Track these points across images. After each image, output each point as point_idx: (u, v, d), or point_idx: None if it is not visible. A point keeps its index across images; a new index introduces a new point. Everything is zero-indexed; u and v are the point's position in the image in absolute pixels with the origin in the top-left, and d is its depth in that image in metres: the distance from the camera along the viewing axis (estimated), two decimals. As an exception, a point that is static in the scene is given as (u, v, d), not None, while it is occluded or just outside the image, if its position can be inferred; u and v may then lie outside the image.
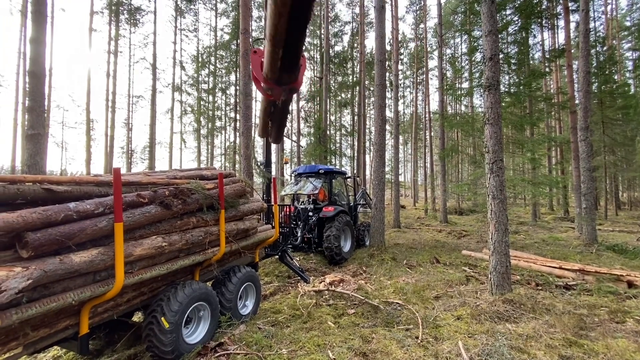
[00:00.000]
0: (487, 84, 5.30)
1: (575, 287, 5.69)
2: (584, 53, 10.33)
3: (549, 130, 22.43)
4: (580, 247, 9.54)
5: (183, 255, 3.59)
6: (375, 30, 9.87)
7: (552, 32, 21.99)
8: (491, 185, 5.17)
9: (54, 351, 3.82)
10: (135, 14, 24.10)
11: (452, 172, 33.05)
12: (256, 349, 3.52)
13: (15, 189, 2.36)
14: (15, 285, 2.07)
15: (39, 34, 5.95)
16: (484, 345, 3.57)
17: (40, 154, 6.07)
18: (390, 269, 7.36)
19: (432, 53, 29.54)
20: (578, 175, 12.05)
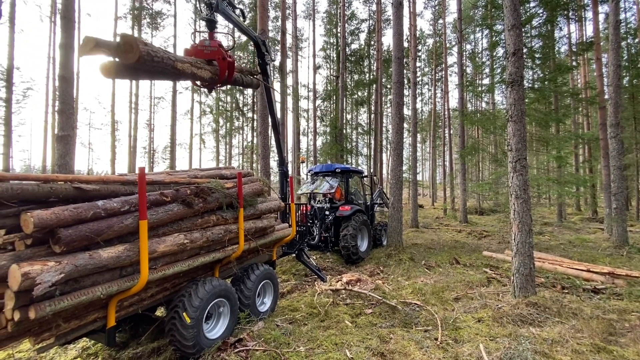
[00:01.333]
0: (510, 79, 5.14)
1: (604, 291, 5.44)
2: (614, 45, 9.82)
3: (576, 127, 21.48)
4: (609, 249, 9.10)
5: (204, 253, 3.68)
6: (392, 27, 9.75)
7: (580, 25, 21.02)
8: (514, 185, 5.01)
9: (82, 342, 4.00)
10: (157, 18, 24.78)
11: (472, 171, 32.26)
12: (274, 346, 3.56)
13: (48, 188, 2.48)
14: (49, 279, 2.18)
15: (68, 40, 6.23)
16: (506, 349, 3.47)
17: (70, 154, 6.35)
18: (408, 269, 7.27)
19: (452, 49, 28.87)
20: (608, 174, 11.49)
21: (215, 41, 4.14)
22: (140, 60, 2.62)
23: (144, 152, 27.41)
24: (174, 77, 3.70)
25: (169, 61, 3.10)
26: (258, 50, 5.93)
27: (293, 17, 24.51)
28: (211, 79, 3.94)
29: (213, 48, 4.01)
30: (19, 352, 3.86)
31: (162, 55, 2.97)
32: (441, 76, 31.75)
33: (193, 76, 3.65)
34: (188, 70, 3.44)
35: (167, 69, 3.11)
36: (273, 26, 26.92)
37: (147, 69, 2.96)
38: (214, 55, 3.97)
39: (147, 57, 2.70)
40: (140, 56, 2.59)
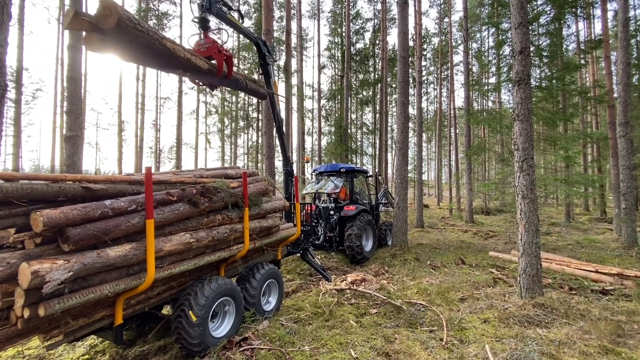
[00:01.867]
0: (516, 78, 5.09)
1: (612, 292, 5.37)
2: (623, 43, 9.67)
3: (584, 126, 21.19)
4: (618, 250, 8.97)
5: (209, 252, 3.70)
6: (397, 26, 9.70)
7: (588, 22, 20.76)
8: (521, 184, 4.97)
9: (90, 340, 4.06)
10: (163, 19, 24.99)
11: (478, 171, 32.00)
12: (279, 345, 3.58)
13: (57, 187, 2.52)
14: (58, 277, 2.21)
15: (76, 41, 6.31)
16: (512, 350, 3.44)
17: (78, 154, 6.44)
18: (413, 269, 7.24)
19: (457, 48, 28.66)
20: (617, 174, 11.32)
21: (209, 38, 4.14)
22: (119, 25, 2.42)
23: (150, 152, 27.63)
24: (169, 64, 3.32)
25: (155, 35, 2.89)
26: (259, 51, 5.95)
27: (298, 17, 24.55)
28: (209, 71, 3.85)
29: (208, 44, 4.00)
30: (28, 349, 3.93)
31: (146, 27, 2.78)
32: (447, 75, 31.51)
33: (188, 63, 3.44)
34: (180, 53, 3.25)
35: (154, 45, 2.88)
36: (278, 26, 26.98)
37: (130, 40, 2.69)
38: (210, 50, 3.97)
39: (127, 22, 2.49)
40: (119, 19, 2.40)
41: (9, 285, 2.27)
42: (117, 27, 2.42)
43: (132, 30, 2.55)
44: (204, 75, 3.90)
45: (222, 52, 4.00)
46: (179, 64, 3.35)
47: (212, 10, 4.54)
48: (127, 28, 2.51)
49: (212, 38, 4.14)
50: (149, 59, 3.16)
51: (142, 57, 3.11)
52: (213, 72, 3.93)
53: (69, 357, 3.79)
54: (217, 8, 4.59)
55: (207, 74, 3.87)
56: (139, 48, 2.84)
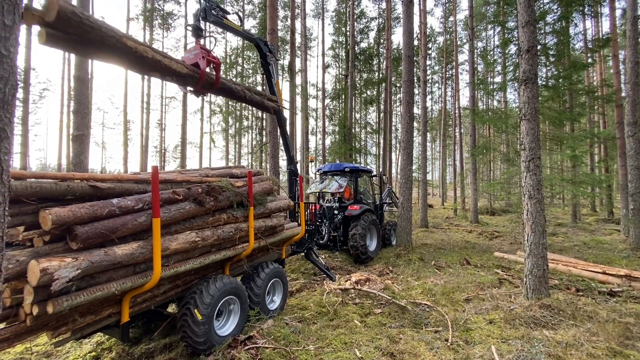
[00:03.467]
0: (523, 77, 5.04)
1: (620, 293, 5.30)
2: (632, 42, 9.54)
3: (591, 125, 20.96)
4: (626, 251, 8.86)
5: (214, 250, 3.72)
6: (402, 25, 9.66)
7: (596, 21, 20.50)
8: (527, 185, 4.92)
9: (97, 337, 4.10)
10: (168, 19, 25.12)
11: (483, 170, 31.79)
12: (284, 344, 3.58)
13: (65, 186, 2.54)
14: (66, 275, 2.24)
15: (83, 41, 6.35)
16: (518, 351, 3.42)
17: (85, 153, 6.51)
18: (417, 269, 7.21)
19: (462, 47, 28.52)
20: (625, 174, 11.18)
21: (198, 45, 4.06)
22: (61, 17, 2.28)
23: (156, 151, 27.84)
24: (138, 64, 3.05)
25: (110, 32, 2.65)
26: (259, 50, 5.96)
27: (302, 16, 24.53)
28: (190, 77, 3.64)
29: (196, 51, 3.92)
30: (36, 346, 3.98)
31: (97, 23, 2.55)
32: (451, 74, 31.36)
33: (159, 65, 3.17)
34: (147, 53, 2.94)
35: (111, 42, 2.65)
36: (282, 25, 26.97)
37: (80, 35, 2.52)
38: (196, 57, 3.87)
39: (70, 14, 2.33)
40: (59, 11, 2.24)
41: (18, 283, 2.30)
42: (59, 19, 2.30)
43: (77, 24, 2.40)
44: (185, 80, 3.69)
45: (206, 59, 3.87)
46: (147, 65, 3.11)
47: (209, 19, 4.49)
48: (71, 22, 2.36)
49: (201, 45, 4.06)
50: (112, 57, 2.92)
51: (102, 55, 2.86)
52: (195, 78, 3.73)
53: (76, 354, 3.83)
54: (214, 15, 4.54)
55: (188, 79, 3.65)
56: (94, 45, 2.67)
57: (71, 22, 2.38)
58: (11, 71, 1.27)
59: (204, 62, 3.81)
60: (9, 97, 1.26)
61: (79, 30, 2.46)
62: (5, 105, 1.25)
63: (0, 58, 1.23)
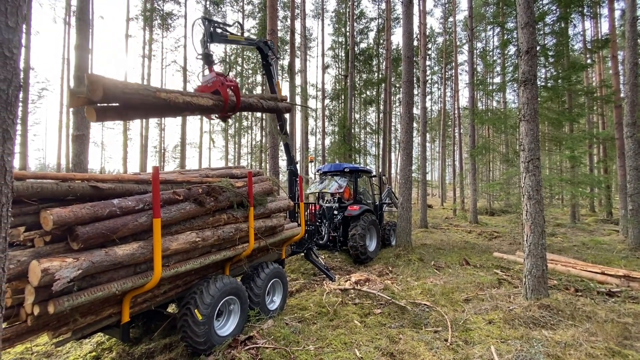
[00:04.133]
0: (523, 78, 5.06)
1: (619, 294, 5.32)
2: (630, 43, 9.58)
3: (590, 126, 21.00)
4: (625, 252, 8.89)
5: (215, 251, 3.73)
6: (402, 26, 9.67)
7: (595, 22, 20.56)
8: (527, 185, 4.94)
9: (97, 337, 4.10)
10: (167, 19, 25.11)
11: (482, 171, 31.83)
12: (284, 344, 3.59)
13: (66, 186, 2.55)
14: (68, 275, 2.24)
15: (83, 41, 6.36)
16: (518, 351, 3.43)
17: (84, 153, 6.50)
18: (417, 269, 7.23)
19: (462, 47, 28.58)
20: (623, 175, 11.21)
21: (213, 72, 4.14)
22: (106, 94, 2.56)
23: (155, 151, 27.84)
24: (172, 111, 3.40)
25: (146, 92, 2.92)
26: (261, 52, 6.02)
27: (302, 16, 24.56)
28: (216, 106, 3.79)
29: (213, 78, 4.01)
30: (36, 346, 3.98)
31: (134, 87, 2.83)
32: (451, 75, 31.41)
33: (190, 106, 3.43)
34: (178, 99, 3.22)
35: (149, 100, 2.93)
36: (282, 25, 26.98)
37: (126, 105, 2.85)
38: (215, 85, 3.96)
39: (114, 89, 2.62)
40: (104, 89, 2.54)
41: (19, 283, 2.31)
42: (105, 96, 2.57)
43: (120, 95, 2.67)
44: (212, 110, 3.86)
45: (226, 85, 3.97)
46: (179, 109, 3.39)
47: (215, 41, 4.59)
48: (115, 95, 2.64)
49: (216, 71, 4.14)
50: (148, 112, 3.27)
51: (141, 113, 3.25)
52: (220, 106, 3.87)
53: (76, 354, 3.83)
54: (219, 35, 4.61)
55: (215, 108, 3.82)
56: (135, 107, 2.99)
57: (115, 95, 2.65)
58: (14, 73, 1.28)
59: (224, 89, 3.93)
60: (12, 98, 1.27)
61: (121, 100, 2.75)
62: (9, 107, 1.26)
63: (3, 60, 1.24)
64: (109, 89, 2.58)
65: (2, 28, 1.22)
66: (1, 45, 1.22)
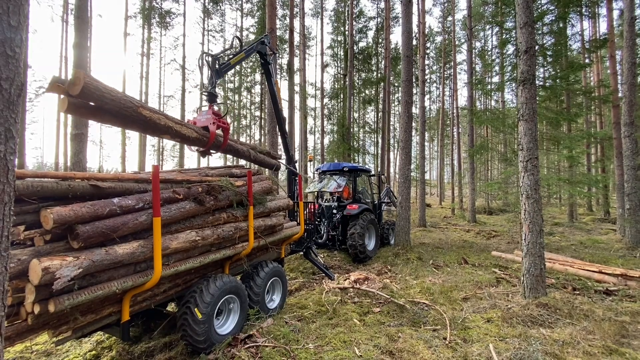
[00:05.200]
0: (521, 78, 5.08)
1: (616, 292, 5.36)
2: (628, 43, 9.63)
3: (588, 125, 21.07)
4: (622, 251, 8.95)
5: (214, 250, 3.73)
6: (401, 25, 9.68)
7: (593, 21, 20.61)
8: (525, 184, 4.97)
9: (97, 336, 4.10)
10: (166, 17, 25.01)
11: (480, 170, 31.91)
12: (284, 343, 3.60)
13: (66, 185, 2.55)
14: (68, 274, 2.25)
15: (81, 39, 6.34)
16: (516, 350, 3.46)
17: (83, 152, 6.49)
18: (416, 268, 7.25)
19: (461, 47, 28.57)
20: (621, 174, 11.26)
21: (211, 110, 4.21)
22: (84, 92, 2.54)
23: (153, 150, 27.76)
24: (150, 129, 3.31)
25: (128, 104, 2.84)
26: (260, 54, 6.07)
27: (301, 15, 24.50)
28: (198, 140, 3.81)
29: (207, 116, 4.10)
30: (36, 345, 3.98)
31: (117, 96, 2.78)
32: (450, 74, 31.44)
33: (170, 131, 3.38)
34: (160, 121, 3.19)
35: (128, 112, 2.88)
36: (281, 24, 26.93)
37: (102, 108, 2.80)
38: (207, 122, 4.04)
39: (93, 90, 2.58)
40: (85, 87, 2.52)
41: (19, 282, 2.31)
42: (82, 94, 2.55)
43: (98, 98, 2.64)
44: (194, 142, 3.87)
45: (217, 124, 4.04)
46: (158, 130, 3.34)
47: (221, 76, 4.67)
48: (93, 95, 2.61)
49: (213, 110, 4.21)
50: (126, 123, 3.22)
51: (118, 122, 3.15)
52: (203, 141, 3.89)
53: (76, 352, 3.83)
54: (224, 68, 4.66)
55: (197, 142, 3.83)
56: (113, 114, 2.93)
57: (93, 96, 2.63)
58: (16, 72, 1.28)
59: (214, 127, 4.01)
60: (14, 97, 1.27)
61: (99, 103, 2.71)
62: (11, 106, 1.26)
63: (5, 58, 1.24)
64: (88, 88, 2.55)
65: (5, 27, 1.22)
66: (3, 44, 1.22)
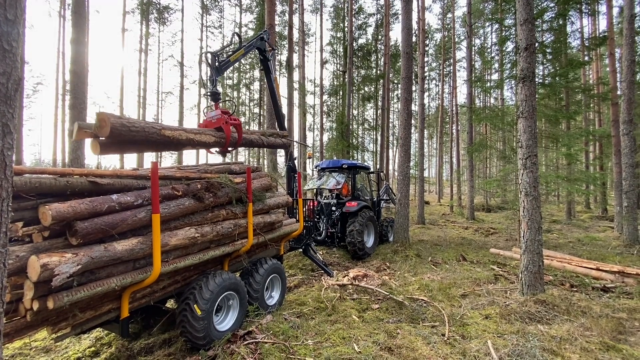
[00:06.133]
0: (521, 75, 5.07)
1: (614, 289, 5.40)
2: (628, 40, 9.62)
3: (587, 123, 21.10)
4: (619, 248, 9.00)
5: (214, 246, 3.73)
6: (401, 21, 9.63)
7: (593, 19, 20.59)
8: (524, 182, 4.97)
9: (96, 333, 4.10)
10: (164, 13, 24.82)
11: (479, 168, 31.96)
12: (283, 339, 3.61)
13: (64, 181, 2.54)
14: (67, 270, 2.24)
15: (79, 35, 6.29)
16: (514, 346, 3.47)
17: (81, 148, 6.46)
18: (414, 265, 7.27)
19: (460, 44, 28.48)
20: (619, 172, 11.30)
21: (219, 109, 4.27)
22: (113, 132, 2.68)
23: (152, 147, 27.54)
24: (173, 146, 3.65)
25: (152, 130, 3.03)
26: (259, 50, 6.04)
27: (300, 11, 24.36)
28: (217, 142, 3.98)
29: (217, 116, 4.17)
30: (35, 341, 3.97)
31: (141, 125, 2.93)
32: (449, 71, 31.39)
33: (192, 142, 3.60)
34: (182, 136, 3.39)
35: (153, 137, 3.04)
36: (280, 20, 26.77)
37: (130, 141, 2.94)
38: (219, 122, 4.13)
39: (120, 127, 2.72)
40: (113, 127, 2.66)
41: (18, 278, 2.30)
42: (112, 135, 2.69)
43: (126, 133, 2.79)
44: (214, 146, 4.05)
45: (229, 123, 4.15)
46: (181, 145, 3.58)
47: (221, 73, 4.73)
48: (122, 133, 2.75)
49: (221, 109, 4.27)
50: (152, 147, 3.47)
51: (145, 148, 3.44)
52: (221, 142, 4.05)
53: (75, 349, 3.83)
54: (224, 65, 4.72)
55: (216, 144, 4.01)
56: (139, 143, 3.10)
57: (122, 133, 2.76)
58: (14, 66, 1.26)
59: (228, 127, 4.11)
60: (11, 92, 1.26)
61: (127, 137, 2.84)
62: (8, 101, 1.25)
63: (2, 53, 1.22)
64: (116, 128, 2.70)
65: (1, 20, 1.20)
66: (0, 38, 1.21)
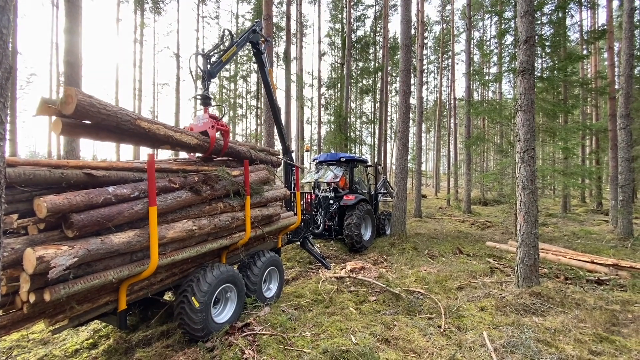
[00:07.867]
0: (521, 68, 5.04)
1: (607, 282, 5.46)
2: (627, 34, 9.58)
3: (584, 117, 21.14)
4: (614, 241, 9.10)
5: (211, 239, 3.72)
6: (400, 13, 9.53)
7: (592, 12, 20.48)
8: (521, 175, 4.99)
9: (94, 325, 4.11)
10: (159, 2, 24.42)
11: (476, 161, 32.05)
12: (281, 331, 3.63)
13: (59, 173, 2.50)
14: (63, 263, 2.22)
15: (73, 25, 6.16)
16: (509, 337, 3.52)
17: (76, 140, 6.38)
18: (411, 258, 7.32)
19: (459, 36, 28.31)
20: (615, 166, 11.37)
21: (207, 113, 4.15)
22: (79, 110, 2.41)
23: (148, 139, 27.34)
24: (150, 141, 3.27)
25: (125, 117, 2.78)
26: (253, 44, 5.94)
27: (298, 2, 24.04)
28: (199, 146, 3.76)
29: (205, 120, 4.03)
30: (32, 334, 3.98)
31: (113, 110, 2.67)
32: (447, 65, 31.24)
33: (171, 140, 3.31)
34: (159, 131, 3.12)
35: (125, 126, 2.78)
36: (277, 11, 26.39)
37: (99, 125, 2.69)
38: (205, 126, 3.97)
39: (89, 107, 2.45)
40: (79, 105, 2.39)
41: (13, 271, 2.29)
42: (77, 112, 2.43)
43: (94, 114, 2.53)
44: (195, 149, 3.83)
45: (216, 127, 3.98)
46: (158, 141, 3.28)
47: (214, 76, 4.65)
48: (89, 113, 2.49)
49: (210, 114, 4.14)
50: (124, 137, 3.08)
51: (115, 137, 3.03)
52: (204, 147, 3.84)
53: (73, 341, 3.84)
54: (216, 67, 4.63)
55: (198, 148, 3.78)
56: (111, 130, 2.81)
57: (89, 114, 2.51)
58: (4, 54, 1.23)
59: (213, 131, 3.94)
60: (2, 80, 1.22)
61: (95, 120, 2.60)
62: (-1, 90, 1.22)
63: (-8, 40, 1.19)
64: (83, 106, 2.43)
65: (-10, 6, 1.16)
66: (-11, 24, 1.17)
